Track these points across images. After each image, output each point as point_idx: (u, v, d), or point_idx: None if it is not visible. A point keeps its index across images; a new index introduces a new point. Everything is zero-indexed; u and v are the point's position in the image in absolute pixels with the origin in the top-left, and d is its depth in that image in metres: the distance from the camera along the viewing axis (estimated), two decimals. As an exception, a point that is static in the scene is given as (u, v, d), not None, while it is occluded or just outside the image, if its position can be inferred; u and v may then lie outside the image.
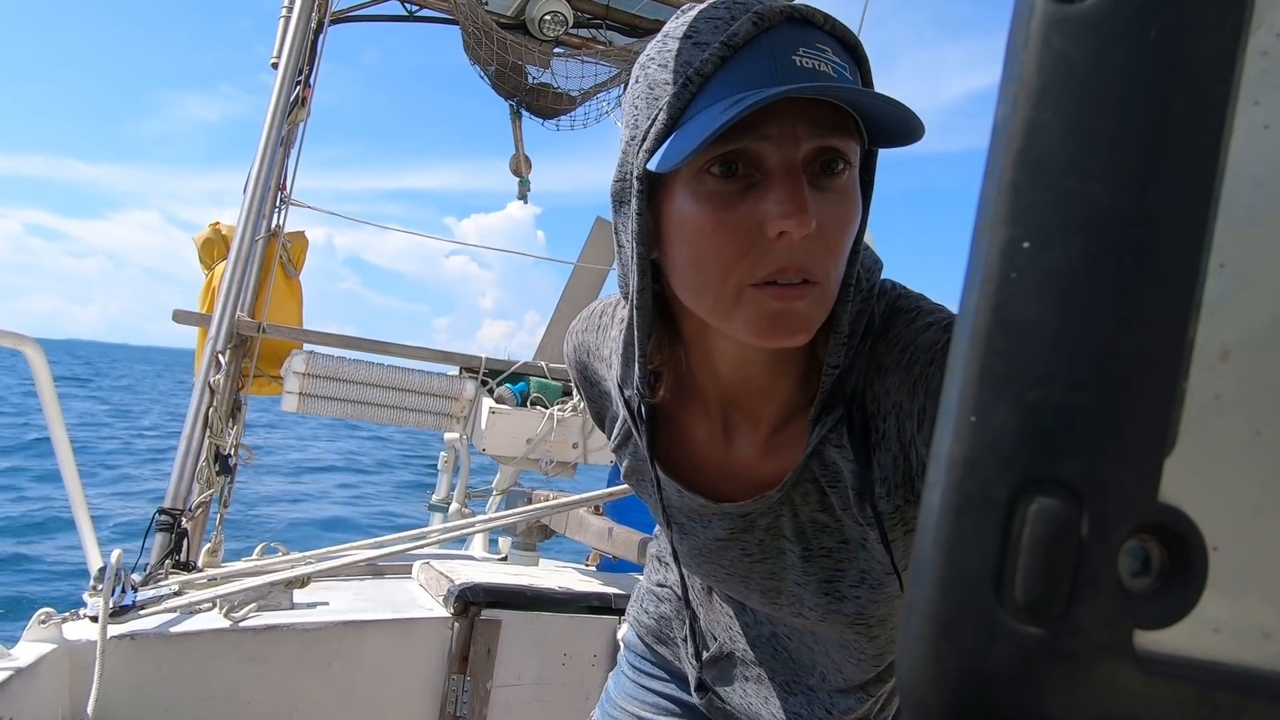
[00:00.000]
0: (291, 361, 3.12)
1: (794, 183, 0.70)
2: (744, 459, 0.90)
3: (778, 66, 0.68)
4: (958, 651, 0.23)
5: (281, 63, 3.05)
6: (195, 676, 2.18)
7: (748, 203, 0.71)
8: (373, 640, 2.41)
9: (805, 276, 0.71)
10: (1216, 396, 0.24)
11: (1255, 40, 0.24)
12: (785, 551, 0.91)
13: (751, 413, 0.89)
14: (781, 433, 0.88)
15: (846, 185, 0.73)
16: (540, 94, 3.70)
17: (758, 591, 0.97)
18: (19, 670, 1.83)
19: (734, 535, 0.93)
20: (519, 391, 3.31)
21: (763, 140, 0.70)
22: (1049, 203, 0.24)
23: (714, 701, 1.17)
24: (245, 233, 2.92)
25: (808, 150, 0.71)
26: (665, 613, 1.23)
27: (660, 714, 1.23)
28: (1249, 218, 0.24)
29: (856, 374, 0.82)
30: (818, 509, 0.87)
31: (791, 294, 0.71)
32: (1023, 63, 0.24)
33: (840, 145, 0.71)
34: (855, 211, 0.75)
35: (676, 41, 0.73)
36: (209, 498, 2.70)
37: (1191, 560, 0.24)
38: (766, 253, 0.71)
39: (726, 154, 0.71)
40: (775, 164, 0.70)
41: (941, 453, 0.24)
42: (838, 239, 0.73)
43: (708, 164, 0.71)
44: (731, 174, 0.71)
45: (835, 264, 0.74)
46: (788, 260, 0.71)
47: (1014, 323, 0.24)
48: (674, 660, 1.23)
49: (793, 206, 0.68)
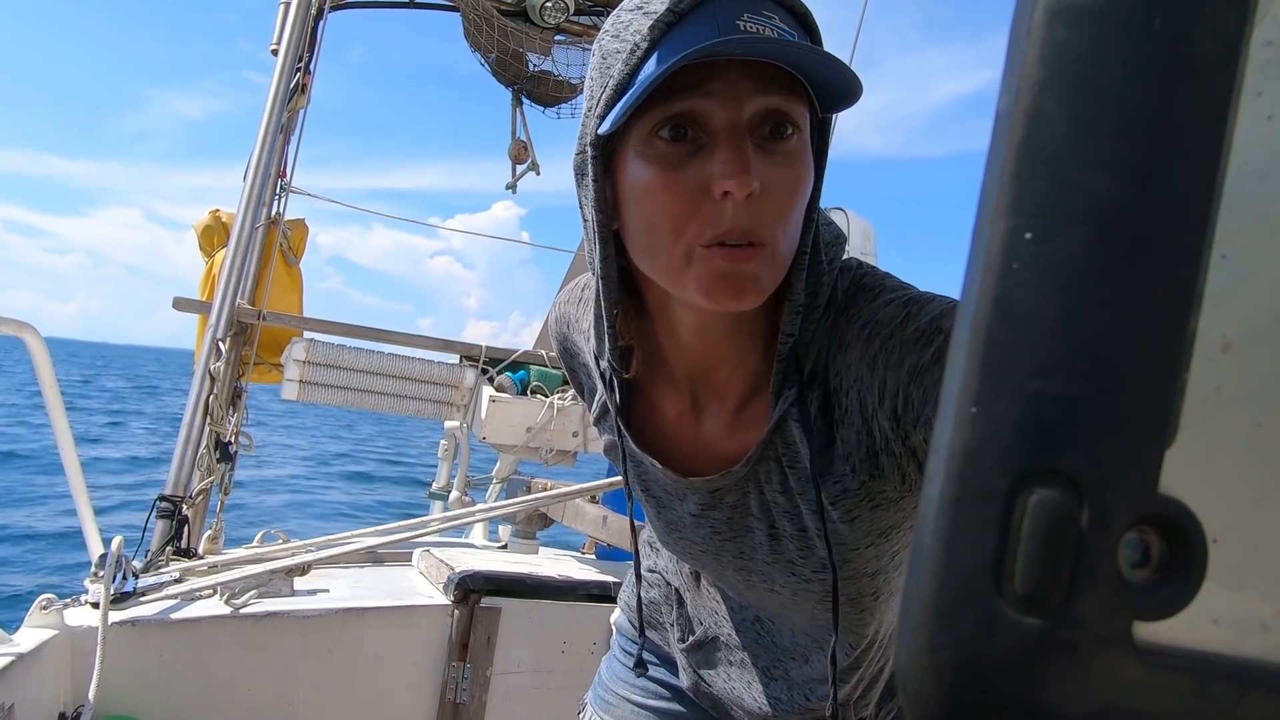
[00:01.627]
0: (292, 349, 3.12)
1: (738, 143, 0.71)
2: (712, 435, 0.91)
3: (721, 30, 0.69)
4: (956, 642, 0.23)
5: (281, 49, 3.04)
6: (196, 663, 2.19)
7: (695, 163, 0.73)
8: (373, 628, 2.41)
9: (751, 239, 0.73)
10: (1217, 388, 0.24)
11: (1259, 31, 0.24)
12: (753, 530, 0.92)
13: (717, 387, 0.89)
14: (747, 408, 0.89)
15: (795, 149, 0.74)
16: (541, 81, 3.69)
17: (731, 569, 0.98)
18: (20, 656, 1.84)
19: (704, 512, 0.94)
20: (519, 380, 3.31)
21: (707, 98, 0.71)
22: (1051, 193, 0.23)
23: (699, 685, 1.18)
24: (245, 220, 2.92)
25: (753, 112, 0.72)
26: (654, 598, 1.24)
27: (649, 696, 1.25)
28: (1251, 209, 0.24)
29: (818, 349, 0.83)
30: (779, 490, 0.88)
31: (739, 255, 0.72)
32: (1025, 53, 0.24)
33: (785, 106, 0.72)
34: (805, 176, 0.76)
35: (629, 13, 0.75)
36: (210, 485, 2.71)
37: (1191, 552, 0.24)
38: (714, 214, 0.72)
39: (674, 115, 0.72)
40: (720, 124, 0.72)
41: (941, 443, 0.24)
42: (786, 202, 0.74)
43: (656, 127, 0.73)
44: (681, 137, 0.73)
45: (784, 227, 0.74)
46: (733, 222, 0.72)
47: (1015, 314, 0.24)
48: (663, 645, 1.25)
49: (735, 166, 0.70)
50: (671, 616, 1.21)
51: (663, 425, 0.94)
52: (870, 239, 3.96)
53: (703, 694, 1.20)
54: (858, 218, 3.92)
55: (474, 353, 3.35)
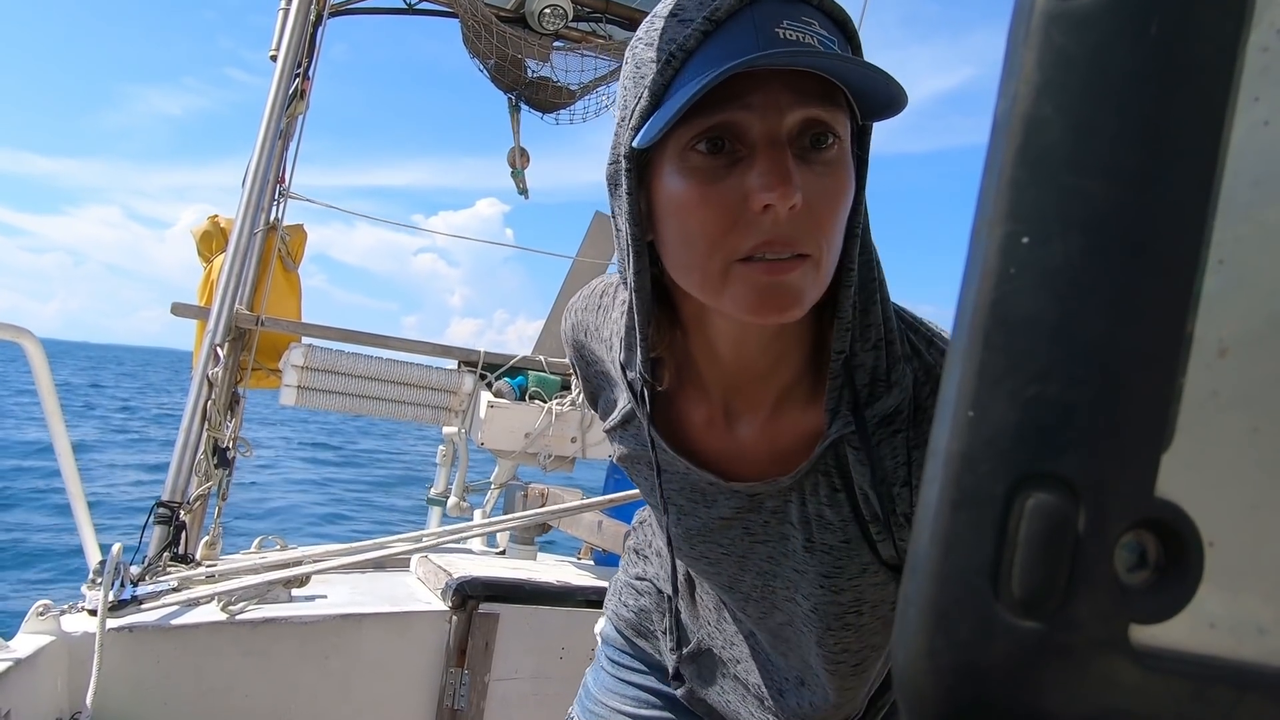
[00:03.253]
0: (290, 355, 3.11)
1: (778, 154, 0.69)
2: (746, 440, 0.89)
3: (759, 38, 0.67)
4: (954, 645, 0.23)
5: (280, 55, 3.04)
6: (193, 669, 2.18)
7: (733, 177, 0.71)
8: (371, 634, 2.41)
9: (794, 250, 0.71)
10: (1214, 393, 0.24)
11: (1255, 36, 0.24)
12: (789, 537, 0.90)
13: (753, 397, 0.88)
14: (784, 416, 0.87)
15: (836, 159, 0.72)
16: (540, 88, 3.69)
17: (752, 573, 0.96)
18: (17, 662, 1.84)
19: (739, 515, 0.92)
20: (517, 385, 3.31)
21: (745, 110, 0.69)
22: (1048, 199, 0.24)
23: (694, 693, 1.17)
24: (244, 226, 2.92)
25: (793, 123, 0.70)
26: (645, 605, 1.22)
27: (640, 706, 1.23)
28: (1248, 214, 0.24)
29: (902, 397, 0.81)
30: (825, 504, 0.86)
31: (780, 268, 0.71)
32: (1023, 58, 0.24)
33: (826, 117, 0.70)
34: (846, 185, 0.73)
35: (663, 20, 0.73)
36: (207, 490, 2.70)
37: (1188, 556, 0.24)
38: (752, 226, 0.70)
39: (711, 128, 0.70)
40: (759, 136, 0.70)
41: (939, 447, 0.24)
42: (829, 213, 0.72)
43: (693, 140, 0.71)
44: (718, 150, 0.71)
45: (827, 239, 0.72)
46: (773, 233, 0.70)
47: (1012, 318, 0.24)
48: (653, 653, 1.23)
49: (775, 178, 0.68)
50: (663, 624, 1.19)
51: (691, 432, 0.92)
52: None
53: (697, 701, 1.18)
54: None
55: (472, 358, 3.35)
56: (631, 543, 1.30)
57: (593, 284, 1.04)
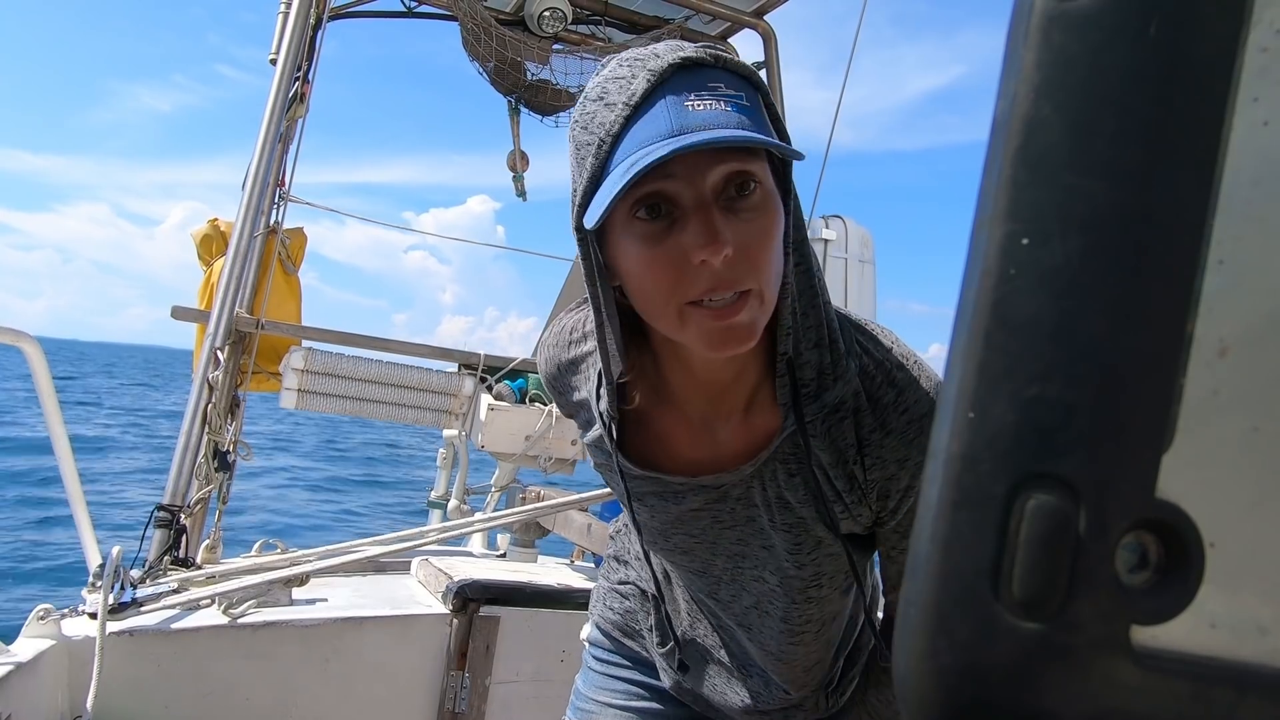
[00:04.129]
0: (290, 358, 3.11)
1: (705, 215, 0.79)
2: (726, 445, 0.99)
3: (671, 118, 0.77)
4: (955, 647, 0.23)
5: (280, 59, 3.04)
6: (194, 673, 2.18)
7: (673, 237, 0.80)
8: (372, 637, 2.41)
9: (736, 289, 0.80)
10: (1214, 393, 0.24)
11: (1254, 37, 0.24)
12: (755, 519, 1.00)
13: (725, 405, 0.97)
14: (754, 412, 0.97)
15: (760, 201, 0.81)
16: (539, 90, 3.69)
17: (723, 556, 1.06)
18: (18, 666, 1.84)
19: (708, 505, 1.02)
20: (518, 388, 3.31)
21: (670, 179, 0.79)
22: (1048, 199, 0.24)
23: (682, 684, 1.24)
24: (244, 229, 2.92)
25: (715, 180, 0.79)
26: (630, 607, 1.30)
27: (629, 698, 1.31)
28: (1248, 214, 0.24)
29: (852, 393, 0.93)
30: (784, 487, 0.97)
31: (727, 312, 0.81)
32: (1023, 58, 0.24)
33: (743, 167, 0.80)
34: (774, 220, 0.83)
35: (592, 104, 0.83)
36: (208, 494, 2.70)
37: (1189, 556, 0.24)
38: (695, 276, 0.80)
39: (646, 196, 0.80)
40: (688, 201, 0.80)
41: (939, 448, 0.24)
42: (761, 250, 0.81)
43: (632, 209, 0.81)
44: (656, 215, 0.81)
45: (764, 272, 0.82)
46: (714, 281, 0.79)
47: (1013, 319, 0.24)
48: (640, 650, 1.31)
49: (706, 237, 0.78)
50: (649, 622, 1.26)
51: (675, 448, 1.01)
52: (868, 246, 3.96)
53: (685, 691, 1.25)
54: (855, 225, 3.92)
55: (472, 361, 3.35)
56: (612, 550, 1.39)
57: (563, 320, 1.12)
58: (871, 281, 4.01)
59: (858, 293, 3.92)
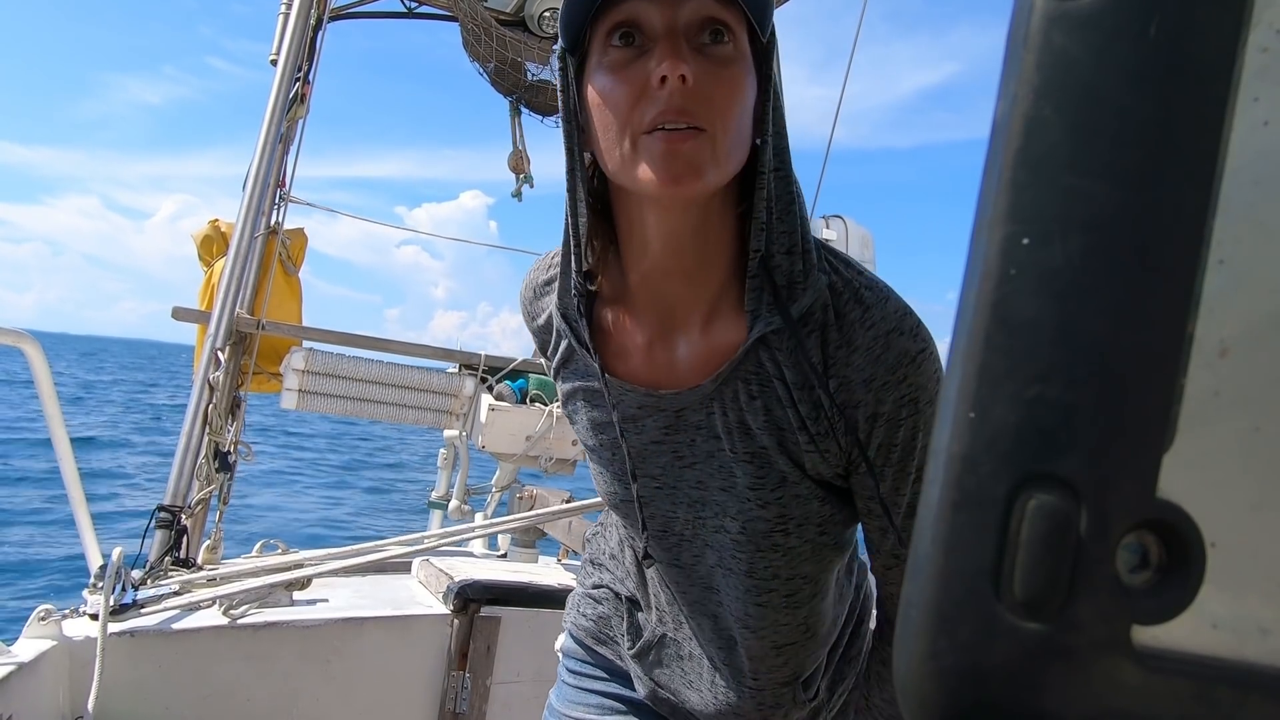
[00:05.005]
0: (291, 359, 3.11)
1: (672, 39, 0.82)
2: (685, 359, 0.97)
3: None
4: (956, 648, 0.23)
5: (280, 59, 3.04)
6: (195, 674, 2.18)
7: (639, 63, 0.83)
8: (372, 637, 2.41)
9: (689, 122, 0.81)
10: (1215, 393, 0.24)
11: (1254, 37, 0.24)
12: (714, 454, 0.98)
13: (686, 310, 0.96)
14: (716, 326, 0.96)
15: (730, 52, 0.84)
16: (540, 91, 3.69)
17: (683, 506, 1.03)
18: (20, 666, 1.84)
19: (667, 436, 1.00)
20: (518, 389, 3.31)
21: (643, 3, 0.82)
22: (1049, 200, 0.24)
23: (657, 693, 1.21)
24: (244, 230, 2.92)
25: (689, 16, 0.83)
26: (604, 612, 1.28)
27: (605, 713, 1.27)
28: (1248, 214, 0.24)
29: (818, 302, 0.91)
30: (745, 410, 0.94)
31: (675, 137, 0.81)
32: (1023, 59, 0.24)
33: (719, 14, 0.83)
34: (740, 78, 0.85)
35: None
36: (209, 495, 2.70)
37: (1190, 556, 0.24)
38: (653, 100, 0.82)
39: (621, 22, 0.84)
40: (660, 26, 0.83)
41: (940, 448, 0.24)
42: (724, 97, 0.83)
43: (608, 36, 0.85)
44: (630, 43, 0.84)
45: (723, 120, 0.83)
46: (668, 104, 0.81)
47: (1013, 319, 0.24)
48: (614, 659, 1.27)
49: (665, 54, 0.81)
50: (622, 628, 1.24)
51: (634, 360, 1.00)
52: (869, 246, 3.96)
53: (661, 700, 1.22)
54: (856, 225, 3.92)
55: (473, 361, 3.35)
56: (588, 554, 1.36)
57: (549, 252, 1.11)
58: (872, 281, 4.00)
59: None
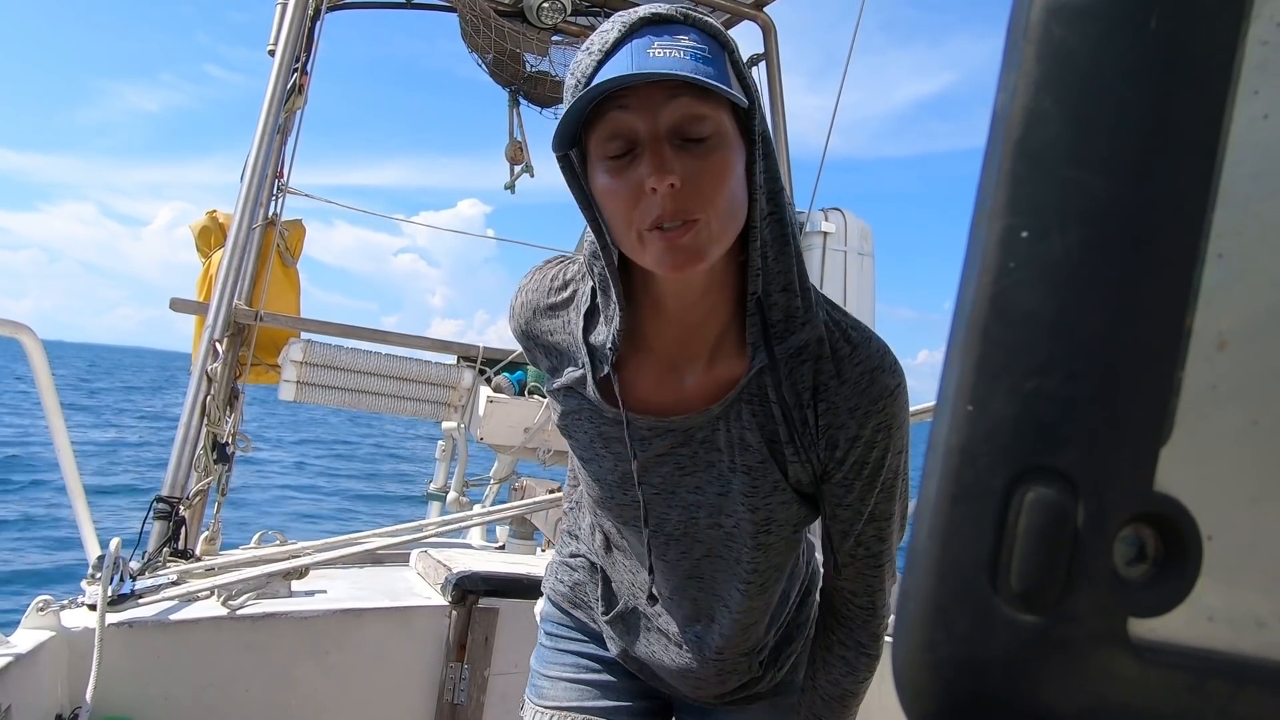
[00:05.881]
0: (289, 350, 3.11)
1: (656, 147, 0.89)
2: (691, 390, 1.07)
3: (634, 62, 0.86)
4: (953, 639, 0.23)
5: (279, 50, 3.03)
6: (193, 664, 2.19)
7: (632, 169, 0.90)
8: (371, 628, 2.41)
9: (684, 219, 0.89)
10: (1213, 386, 0.24)
11: (1255, 30, 0.24)
12: (714, 464, 1.08)
13: (693, 349, 1.06)
14: (720, 358, 1.05)
15: (713, 141, 0.90)
16: (538, 82, 3.68)
17: (678, 509, 1.12)
18: (17, 657, 1.84)
19: (672, 450, 1.09)
20: (517, 380, 3.31)
21: (626, 112, 0.89)
22: (1048, 192, 0.24)
23: (627, 653, 1.32)
24: (242, 221, 2.91)
25: (671, 118, 0.89)
26: (579, 579, 1.37)
27: (581, 671, 1.37)
28: (1248, 207, 0.24)
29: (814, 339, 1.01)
30: (746, 428, 1.05)
31: (673, 235, 0.90)
32: (1023, 52, 0.24)
33: (697, 110, 0.89)
34: (726, 161, 0.91)
35: (580, 54, 0.93)
36: (207, 486, 2.70)
37: (1186, 549, 0.24)
38: (650, 205, 0.90)
39: (610, 129, 0.90)
40: (644, 134, 0.89)
41: (938, 441, 0.24)
42: (710, 186, 0.90)
43: (601, 141, 0.91)
44: (622, 151, 0.91)
45: (713, 205, 0.90)
46: (662, 209, 0.89)
47: (1012, 312, 0.24)
48: (589, 621, 1.38)
49: (653, 167, 0.88)
50: (596, 594, 1.33)
51: (641, 394, 1.09)
52: (868, 240, 3.96)
53: (631, 659, 1.32)
54: (855, 219, 3.91)
55: (471, 353, 3.35)
56: (564, 526, 1.45)
57: (545, 270, 1.17)
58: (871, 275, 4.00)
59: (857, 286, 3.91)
